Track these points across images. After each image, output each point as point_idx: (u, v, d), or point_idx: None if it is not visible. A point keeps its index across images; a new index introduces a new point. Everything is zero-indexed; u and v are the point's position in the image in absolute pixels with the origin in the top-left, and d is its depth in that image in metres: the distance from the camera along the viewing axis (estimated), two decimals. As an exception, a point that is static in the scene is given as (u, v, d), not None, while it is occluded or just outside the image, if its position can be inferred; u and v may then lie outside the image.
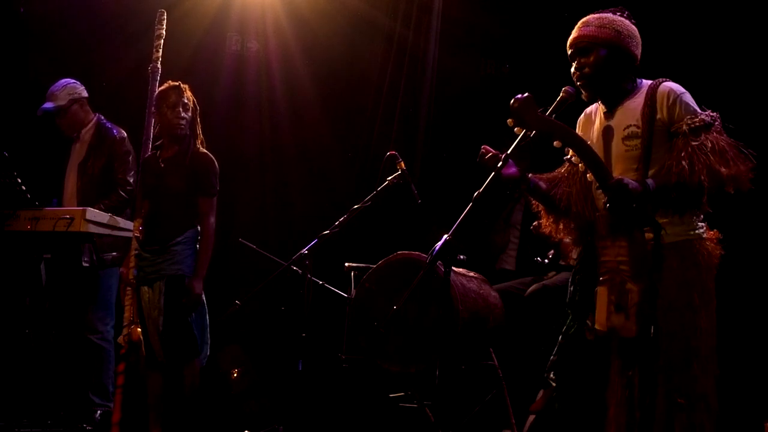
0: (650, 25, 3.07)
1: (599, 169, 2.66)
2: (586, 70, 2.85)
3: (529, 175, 2.94)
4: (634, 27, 2.89)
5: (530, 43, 5.61)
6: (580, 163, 2.86)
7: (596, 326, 2.74)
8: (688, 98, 2.76)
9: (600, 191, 2.77)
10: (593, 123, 2.99)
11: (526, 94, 2.60)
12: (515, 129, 2.65)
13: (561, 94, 2.88)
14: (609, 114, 2.90)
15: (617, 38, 2.83)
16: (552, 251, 4.73)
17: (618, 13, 2.89)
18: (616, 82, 2.86)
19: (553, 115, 2.71)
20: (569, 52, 2.91)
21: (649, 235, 2.67)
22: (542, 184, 2.99)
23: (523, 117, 2.60)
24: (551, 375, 4.04)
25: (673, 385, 2.66)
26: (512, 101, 2.60)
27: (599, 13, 2.90)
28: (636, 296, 2.62)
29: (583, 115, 3.07)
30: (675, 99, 2.74)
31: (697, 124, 2.68)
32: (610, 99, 2.89)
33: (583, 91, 2.88)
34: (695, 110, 2.72)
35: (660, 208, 2.70)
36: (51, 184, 4.90)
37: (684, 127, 2.69)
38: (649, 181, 2.67)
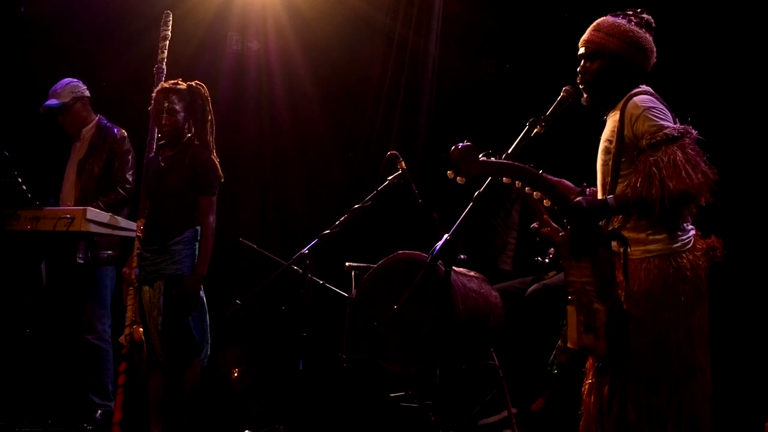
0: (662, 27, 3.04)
1: (556, 195, 2.66)
2: (587, 75, 2.85)
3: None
4: (647, 37, 2.83)
5: (531, 42, 5.61)
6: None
7: (569, 344, 2.74)
8: (653, 113, 2.70)
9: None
10: None
11: (466, 143, 2.54)
12: (457, 179, 2.60)
13: (561, 94, 2.89)
14: (605, 122, 2.90)
15: (624, 50, 2.79)
16: (553, 250, 4.73)
17: (634, 20, 2.83)
18: (616, 92, 2.83)
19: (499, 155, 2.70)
20: (579, 51, 2.89)
21: (617, 249, 2.69)
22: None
23: (463, 167, 2.55)
24: (555, 370, 4.05)
25: (642, 402, 2.65)
26: (452, 150, 2.54)
27: (615, 16, 2.86)
28: (603, 316, 2.61)
29: None
30: (639, 116, 2.70)
31: (658, 138, 2.64)
32: (610, 106, 2.88)
33: (583, 93, 2.88)
34: (659, 125, 2.67)
35: (627, 223, 2.71)
36: (51, 184, 4.90)
37: (644, 143, 2.67)
38: (609, 198, 2.68)
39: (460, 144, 2.54)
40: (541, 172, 2.68)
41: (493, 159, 2.64)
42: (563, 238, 2.73)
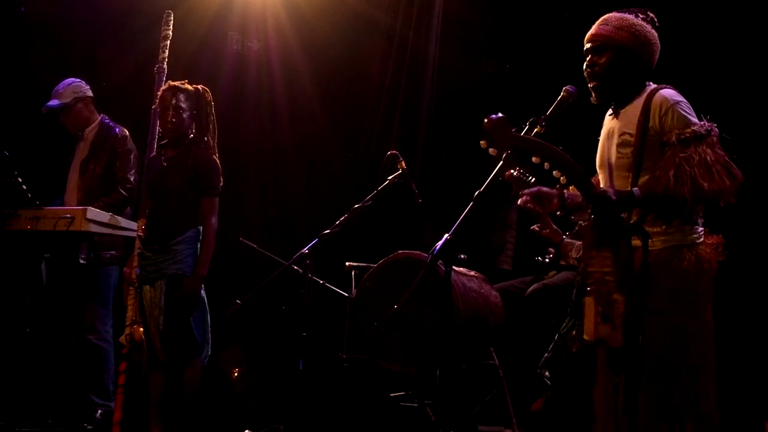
0: (669, 26, 3.04)
1: (582, 182, 2.65)
2: (596, 69, 2.84)
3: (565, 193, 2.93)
4: (653, 32, 2.85)
5: (531, 42, 5.61)
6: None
7: (585, 336, 2.74)
8: (682, 107, 2.72)
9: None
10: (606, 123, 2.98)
11: (499, 115, 2.56)
12: (489, 150, 2.62)
13: (562, 94, 2.87)
14: (615, 116, 2.90)
15: (633, 43, 2.80)
16: (552, 250, 4.73)
17: (640, 15, 2.85)
18: (625, 85, 2.84)
19: (540, 126, 2.69)
20: (585, 46, 2.89)
21: (636, 242, 2.68)
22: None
23: (496, 138, 2.57)
24: (546, 373, 4.05)
25: (658, 395, 2.64)
26: (485, 121, 2.56)
27: (621, 12, 2.87)
28: (621, 306, 2.62)
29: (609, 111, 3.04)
30: (668, 109, 2.71)
31: (687, 135, 2.65)
32: (618, 101, 2.88)
33: (591, 91, 2.87)
34: (688, 121, 2.69)
35: (647, 216, 2.71)
36: (55, 184, 4.90)
37: (673, 138, 2.66)
38: (636, 190, 2.68)
39: (494, 115, 2.55)
40: (569, 156, 2.67)
41: (523, 135, 2.64)
42: (586, 227, 2.75)
